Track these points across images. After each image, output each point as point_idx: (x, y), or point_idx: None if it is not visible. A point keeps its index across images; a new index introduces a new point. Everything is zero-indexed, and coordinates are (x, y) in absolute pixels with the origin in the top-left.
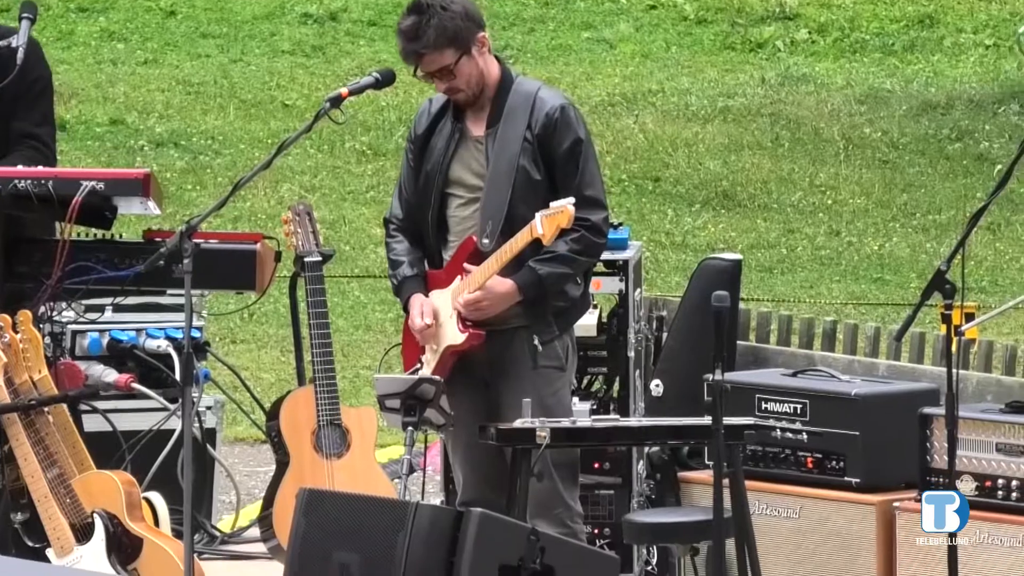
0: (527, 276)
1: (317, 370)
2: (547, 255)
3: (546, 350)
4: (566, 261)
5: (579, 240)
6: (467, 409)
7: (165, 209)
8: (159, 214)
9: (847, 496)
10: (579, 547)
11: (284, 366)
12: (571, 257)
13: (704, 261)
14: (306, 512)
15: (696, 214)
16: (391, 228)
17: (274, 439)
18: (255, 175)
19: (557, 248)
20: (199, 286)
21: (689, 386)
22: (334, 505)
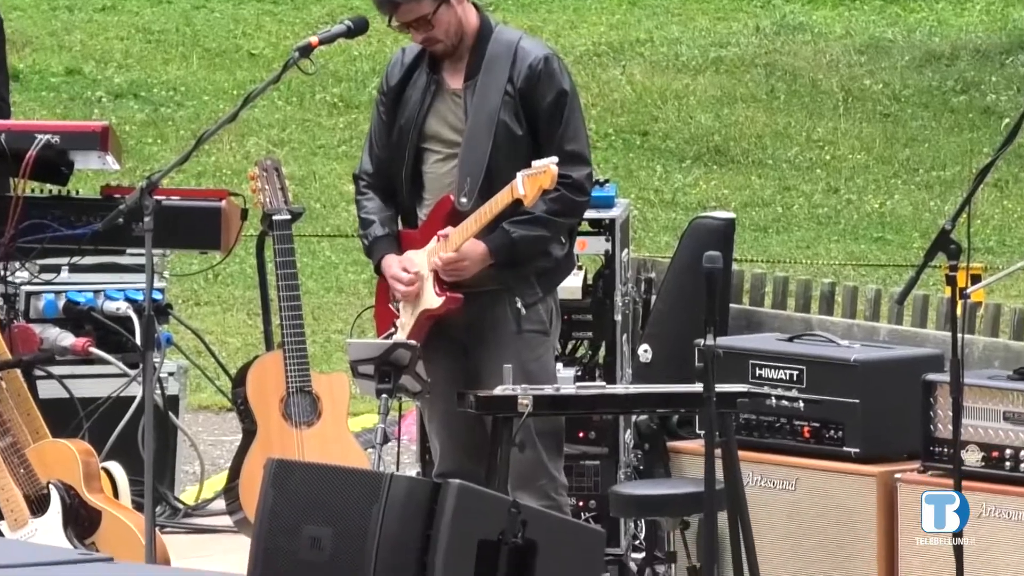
0: (499, 239)
1: (286, 334)
2: (523, 217)
3: (529, 313)
4: (543, 223)
5: (558, 200)
6: (444, 376)
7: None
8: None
9: (846, 467)
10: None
11: (251, 330)
12: (548, 219)
13: (695, 220)
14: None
15: (687, 170)
16: (361, 185)
17: (240, 407)
18: (220, 128)
19: (535, 208)
20: (161, 245)
21: (679, 351)
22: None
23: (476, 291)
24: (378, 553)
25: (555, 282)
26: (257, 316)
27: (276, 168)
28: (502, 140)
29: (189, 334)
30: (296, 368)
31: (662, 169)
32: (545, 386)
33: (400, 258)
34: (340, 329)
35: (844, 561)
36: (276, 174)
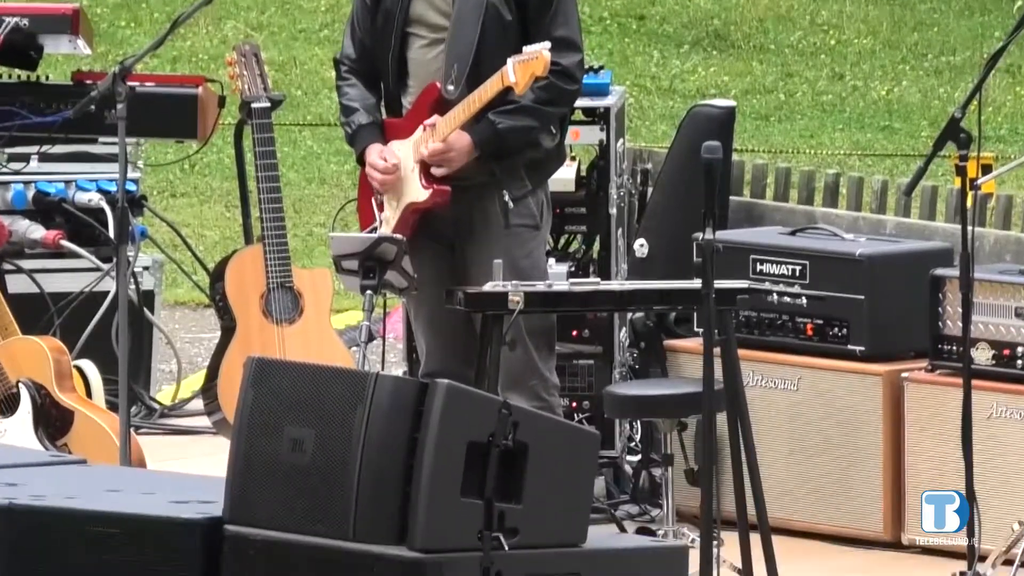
0: (484, 131)
1: (266, 227)
2: (509, 106)
3: (518, 207)
4: (531, 113)
5: (547, 88)
6: (431, 273)
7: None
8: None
9: (851, 366)
10: (556, 422)
11: (229, 223)
12: (536, 109)
13: (693, 108)
14: (254, 383)
15: (685, 56)
16: (343, 70)
17: (219, 303)
18: (196, 11)
19: (522, 98)
20: (135, 134)
21: (676, 246)
22: (285, 375)
23: (463, 184)
24: (363, 456)
25: (545, 174)
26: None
27: (255, 53)
28: (491, 25)
29: (164, 227)
30: (277, 263)
31: (659, 55)
32: (537, 282)
33: (383, 148)
34: (322, 222)
35: (848, 464)
36: (255, 59)
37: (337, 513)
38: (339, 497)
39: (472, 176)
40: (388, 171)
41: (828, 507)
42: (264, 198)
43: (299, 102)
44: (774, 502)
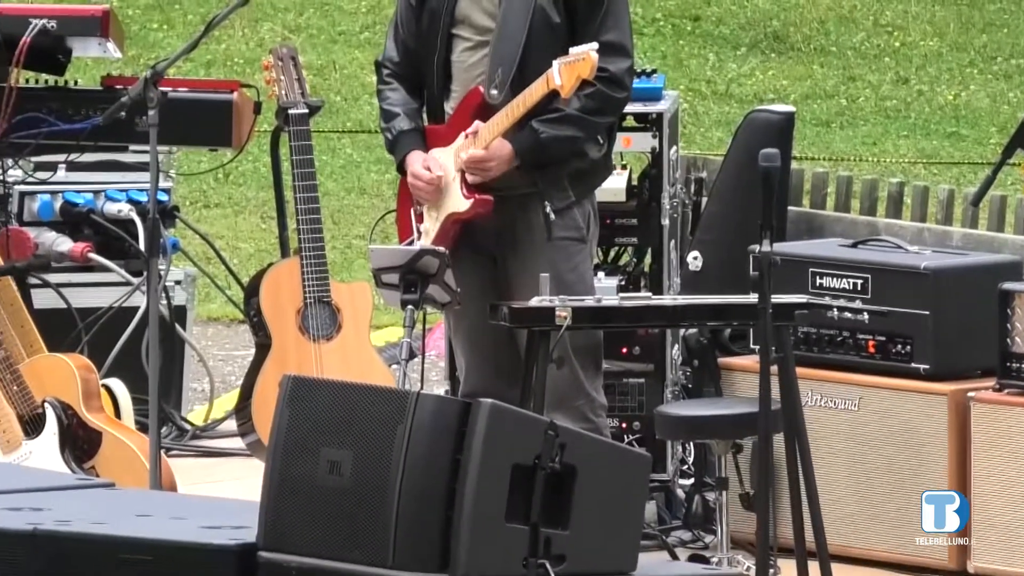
0: (526, 139)
1: (303, 239)
2: (553, 115)
3: (561, 219)
4: (575, 122)
5: (594, 96)
6: (471, 287)
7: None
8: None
9: (915, 385)
10: (605, 443)
11: (265, 235)
12: (581, 118)
13: (751, 114)
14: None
15: (742, 59)
16: (384, 74)
17: (253, 319)
18: (231, 12)
19: (567, 106)
20: (167, 141)
21: (732, 259)
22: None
23: (505, 194)
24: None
25: (591, 185)
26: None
27: (292, 57)
28: (538, 27)
29: (197, 239)
30: (314, 276)
31: (715, 57)
32: (585, 297)
33: (425, 156)
34: (362, 234)
35: (912, 488)
36: (292, 63)
37: (376, 539)
38: (378, 522)
39: (515, 186)
40: (433, 182)
41: (890, 534)
42: (301, 208)
43: (338, 108)
44: (833, 528)
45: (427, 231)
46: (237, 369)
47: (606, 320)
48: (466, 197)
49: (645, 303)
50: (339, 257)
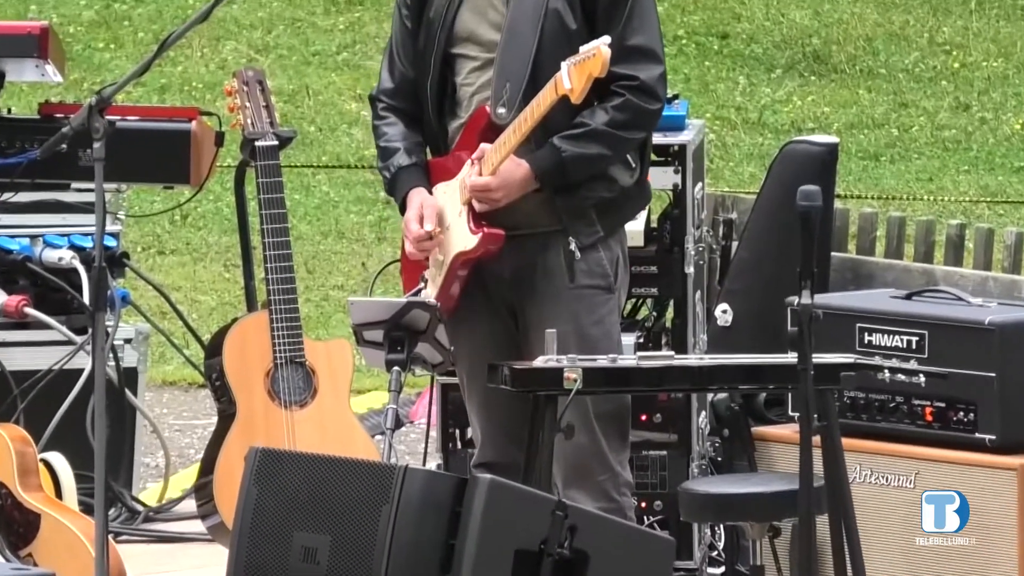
0: (546, 159)
1: (273, 290)
2: (578, 129)
3: (586, 259)
4: (602, 139)
5: (623, 107)
6: (485, 342)
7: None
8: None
9: (979, 458)
10: (622, 526)
11: (229, 285)
12: (609, 133)
13: (788, 145)
14: (258, 479)
15: (777, 82)
16: (379, 108)
17: (215, 382)
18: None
19: (592, 119)
20: (115, 178)
21: (767, 312)
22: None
23: (525, 233)
24: (388, 567)
25: (621, 218)
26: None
27: (260, 81)
28: (552, 34)
29: (151, 291)
30: (285, 333)
31: (746, 81)
32: (598, 356)
33: (426, 196)
34: (341, 284)
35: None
36: (260, 88)
37: None
38: None
39: (535, 223)
40: (421, 239)
41: None
42: (270, 255)
43: (312, 139)
44: None
45: (432, 277)
46: (197, 441)
47: (622, 383)
48: (473, 232)
49: (667, 363)
50: (314, 311)
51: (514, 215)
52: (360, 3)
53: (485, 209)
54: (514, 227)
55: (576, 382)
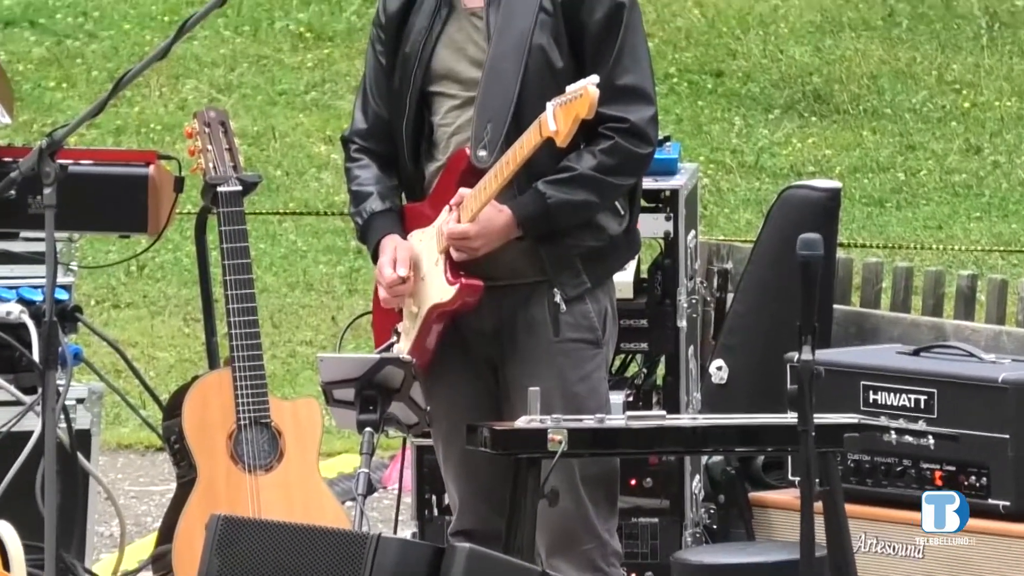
0: (530, 205)
1: (236, 346)
2: (564, 174)
3: (572, 311)
4: (590, 184)
5: (612, 151)
6: (463, 401)
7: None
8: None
9: (992, 526)
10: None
11: (188, 341)
12: (596, 178)
13: (787, 190)
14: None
15: (775, 123)
16: (352, 150)
17: (174, 445)
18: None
19: (579, 163)
20: (67, 227)
21: (765, 369)
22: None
23: (507, 284)
24: None
25: (609, 268)
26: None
27: (222, 122)
28: (536, 71)
29: (105, 347)
30: (250, 393)
31: (742, 122)
32: (584, 416)
33: (401, 242)
34: (310, 340)
35: None
36: (222, 130)
37: None
38: None
39: (519, 273)
40: (394, 283)
41: None
42: (234, 309)
43: (279, 184)
44: None
45: (406, 331)
46: (154, 508)
47: (610, 445)
48: (450, 282)
49: (658, 424)
50: (280, 368)
51: (495, 265)
52: (330, 39)
53: (463, 258)
54: (495, 277)
55: (561, 444)
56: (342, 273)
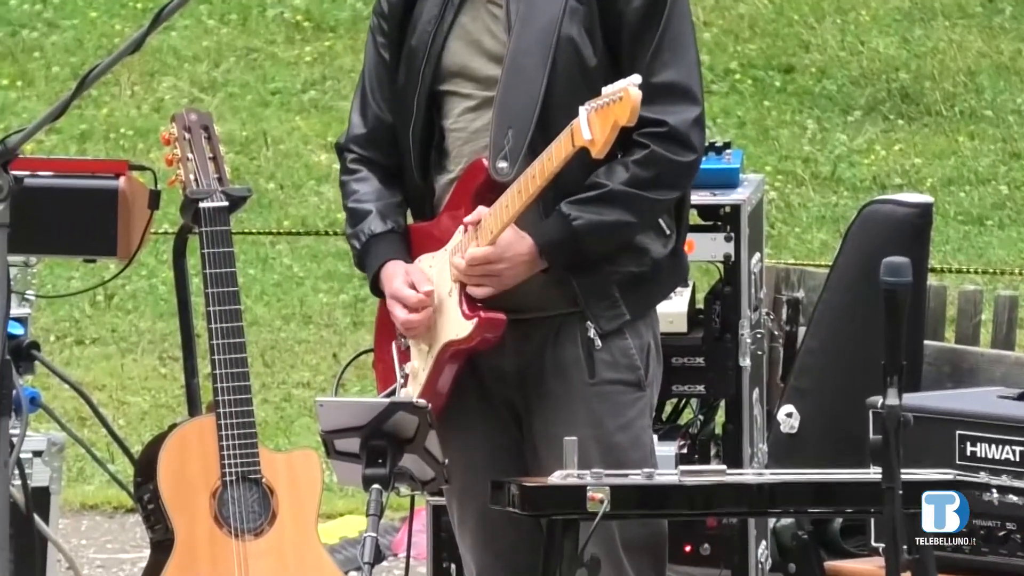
0: (553, 230)
1: (221, 389)
2: (591, 192)
3: (609, 348)
4: (622, 201)
5: (648, 162)
6: (482, 456)
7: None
8: None
9: None
10: None
11: (165, 383)
12: (631, 194)
13: (869, 206)
14: None
15: (856, 127)
16: (349, 159)
17: (148, 505)
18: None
19: (610, 177)
20: (23, 249)
21: (843, 416)
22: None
23: (533, 318)
24: None
25: (652, 297)
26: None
27: (205, 126)
28: (566, 69)
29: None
30: (237, 443)
31: (816, 126)
32: (630, 472)
33: (409, 267)
34: (306, 381)
35: None
36: (205, 136)
37: None
38: None
39: (546, 304)
40: (422, 305)
41: None
42: (218, 345)
43: (272, 199)
44: None
45: (415, 373)
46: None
47: (661, 505)
48: (467, 316)
49: (717, 480)
50: (274, 415)
51: (518, 294)
52: (331, 29)
53: (487, 293)
54: (518, 309)
55: (603, 503)
56: (345, 303)
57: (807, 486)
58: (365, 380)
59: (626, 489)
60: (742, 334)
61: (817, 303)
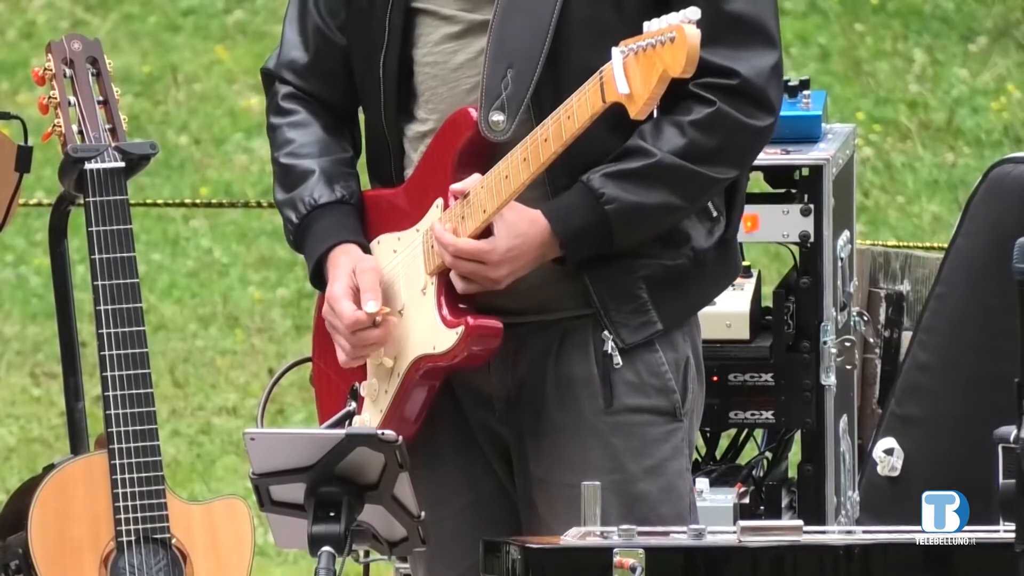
0: (576, 212)
1: (116, 417)
2: (632, 161)
3: (634, 365)
4: (674, 178)
5: (711, 125)
6: (461, 502)
7: None
8: None
9: None
10: None
11: (39, 409)
12: (687, 170)
13: (997, 167)
14: None
15: (980, 59)
16: (282, 93)
17: (15, 573)
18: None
19: (659, 142)
20: None
21: (962, 453)
22: None
23: (534, 321)
24: None
25: (693, 301)
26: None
27: (93, 59)
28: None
29: None
30: (137, 492)
31: (926, 57)
32: (673, 529)
33: (362, 259)
34: (232, 406)
35: None
36: (92, 72)
37: None
38: None
39: (550, 304)
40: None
41: None
42: (112, 357)
43: (185, 159)
44: None
45: (373, 394)
46: None
47: (713, 573)
48: (448, 324)
49: (791, 541)
50: (188, 452)
51: (510, 290)
52: None
53: (474, 290)
54: (511, 311)
55: (635, 572)
56: (285, 300)
57: (914, 549)
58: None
59: (667, 552)
60: (825, 342)
61: (928, 300)
